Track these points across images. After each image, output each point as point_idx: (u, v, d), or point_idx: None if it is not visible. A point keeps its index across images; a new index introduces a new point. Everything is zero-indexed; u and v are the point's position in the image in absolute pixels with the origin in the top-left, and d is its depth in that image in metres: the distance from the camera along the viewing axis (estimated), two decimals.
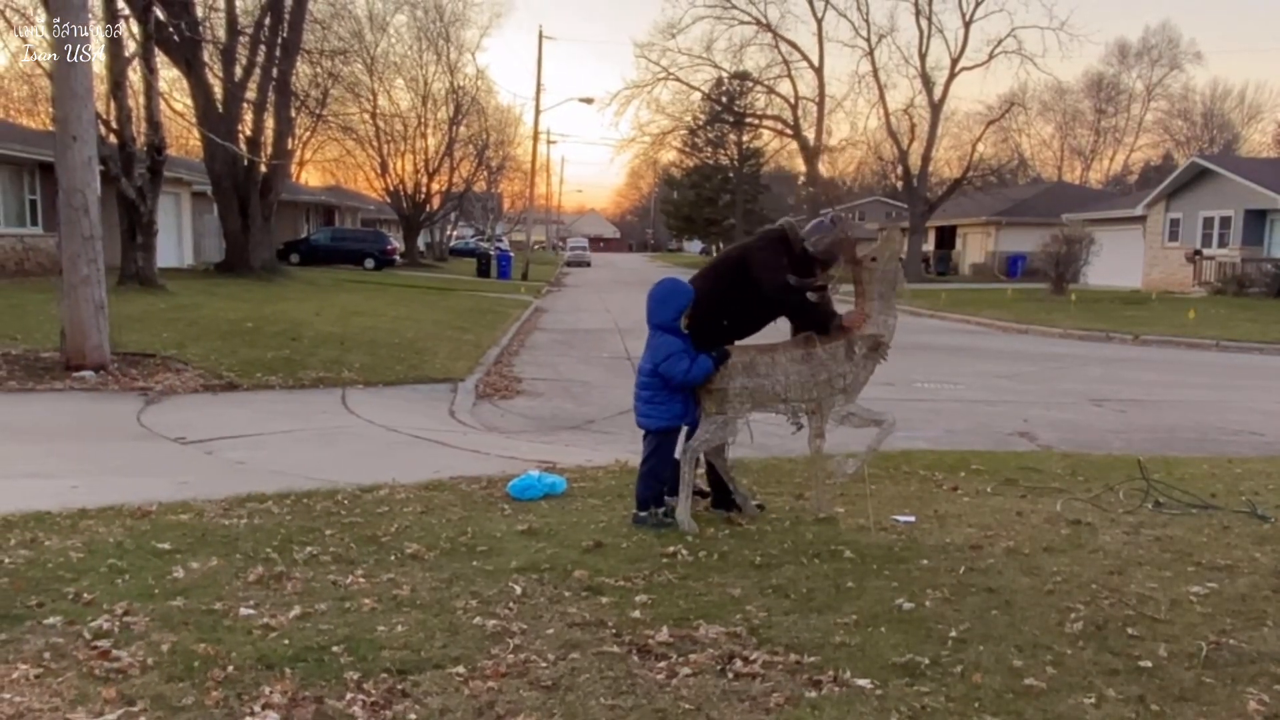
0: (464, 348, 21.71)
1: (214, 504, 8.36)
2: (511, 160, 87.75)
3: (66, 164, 15.05)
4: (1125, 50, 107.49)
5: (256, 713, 4.54)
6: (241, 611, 5.77)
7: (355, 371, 16.86)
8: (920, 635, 5.62)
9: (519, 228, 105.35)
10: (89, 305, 15.19)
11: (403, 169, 69.20)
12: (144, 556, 6.80)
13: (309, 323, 22.97)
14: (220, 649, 5.20)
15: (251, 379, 15.71)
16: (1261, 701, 4.89)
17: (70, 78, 15.03)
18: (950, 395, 17.37)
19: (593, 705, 4.73)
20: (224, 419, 12.99)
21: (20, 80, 48.81)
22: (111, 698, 4.63)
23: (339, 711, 4.60)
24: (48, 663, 5.02)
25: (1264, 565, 7.12)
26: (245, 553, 6.96)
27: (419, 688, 4.86)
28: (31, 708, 4.55)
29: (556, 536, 7.56)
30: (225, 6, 37.38)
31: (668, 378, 7.89)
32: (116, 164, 27.72)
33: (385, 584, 6.36)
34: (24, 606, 5.76)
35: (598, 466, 10.38)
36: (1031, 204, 70.63)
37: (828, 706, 4.74)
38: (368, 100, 63.70)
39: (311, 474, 9.87)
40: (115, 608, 5.76)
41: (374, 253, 58.55)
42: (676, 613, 5.93)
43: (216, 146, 34.88)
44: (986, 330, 31.81)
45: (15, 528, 7.43)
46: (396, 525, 7.80)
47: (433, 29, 69.06)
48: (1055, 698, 4.88)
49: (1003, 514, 8.47)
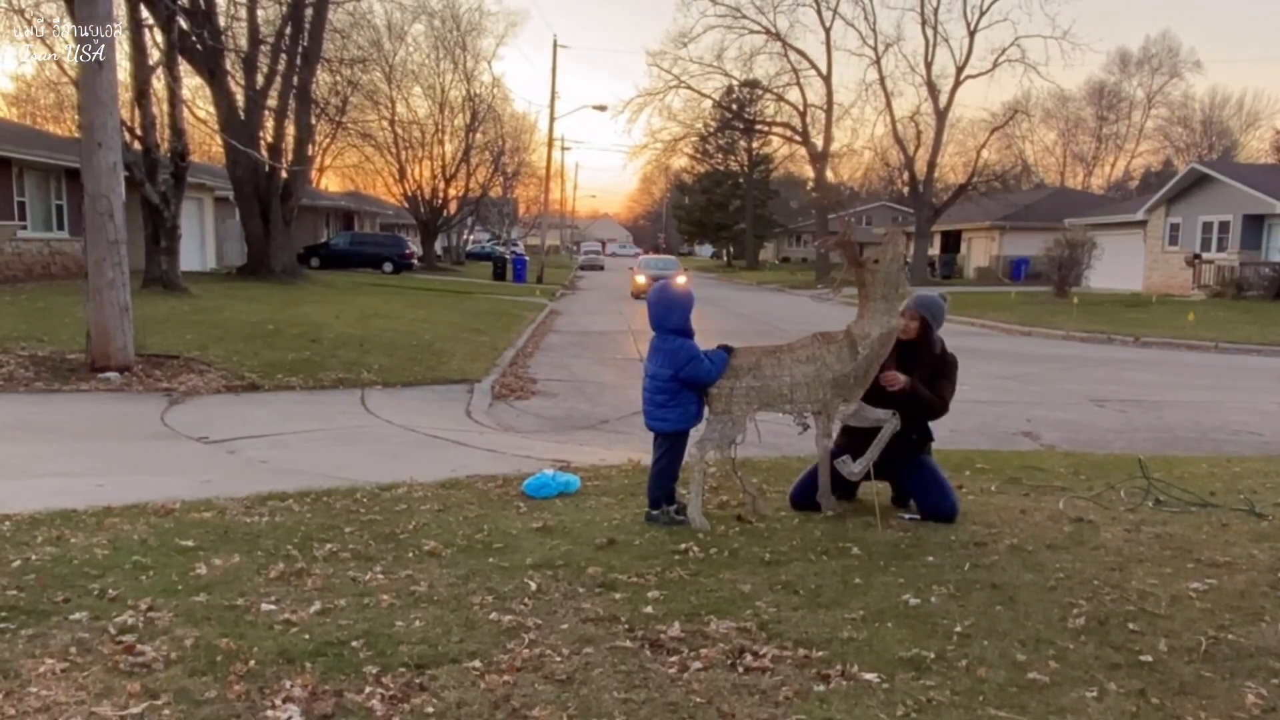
0: (480, 349, 21.72)
1: (236, 502, 8.37)
2: (526, 166, 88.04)
3: (92, 170, 15.08)
4: (1126, 59, 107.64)
5: (278, 706, 4.55)
6: (263, 607, 5.78)
7: (374, 373, 16.88)
8: (926, 630, 5.62)
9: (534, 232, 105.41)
10: (114, 308, 15.22)
11: (420, 175, 69.36)
12: (168, 553, 6.81)
13: (329, 325, 22.98)
14: (242, 644, 5.21)
15: (273, 380, 15.74)
16: (1260, 695, 4.88)
17: (96, 85, 15.07)
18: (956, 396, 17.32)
19: (606, 699, 4.73)
20: (246, 419, 13.01)
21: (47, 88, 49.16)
22: (136, 691, 4.64)
23: (358, 705, 4.60)
24: (74, 657, 5.03)
25: (1262, 562, 7.10)
26: (266, 550, 6.97)
27: (436, 681, 4.86)
28: (58, 701, 4.55)
29: (571, 534, 7.56)
30: (247, 16, 37.46)
31: (694, 380, 7.90)
32: (141, 170, 27.80)
33: (403, 580, 6.36)
34: (51, 602, 5.77)
35: (611, 465, 10.38)
36: (1035, 209, 70.57)
37: (836, 700, 4.73)
38: (386, 108, 63.78)
39: (331, 473, 9.88)
40: (140, 603, 5.77)
41: (392, 257, 58.55)
42: (688, 608, 5.92)
43: (239, 153, 34.93)
44: (991, 332, 31.79)
45: (42, 525, 7.45)
46: (414, 523, 7.81)
47: (450, 38, 69.24)
48: (1058, 691, 4.88)
49: (1006, 512, 8.46)
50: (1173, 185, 52.63)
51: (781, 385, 7.91)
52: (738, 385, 7.89)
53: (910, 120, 68.75)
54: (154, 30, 29.21)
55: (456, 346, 21.56)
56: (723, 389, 7.92)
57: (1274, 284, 42.07)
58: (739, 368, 7.91)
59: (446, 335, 23.65)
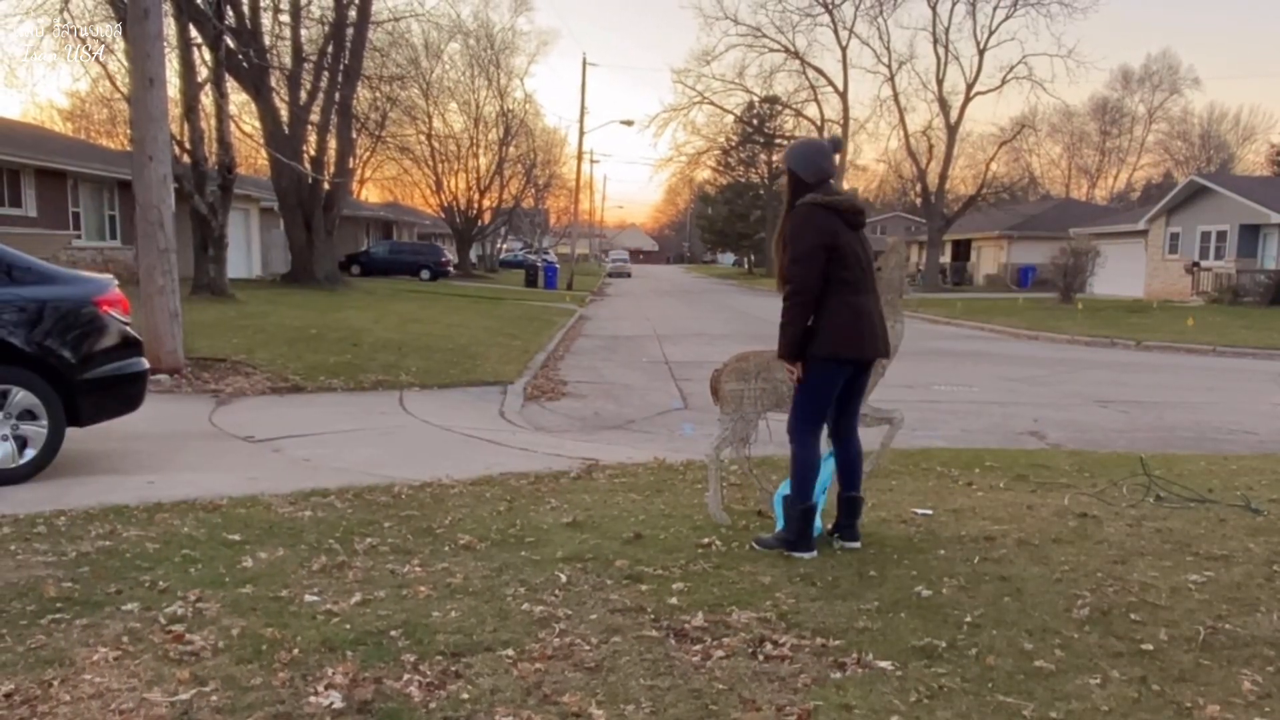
0: (513, 353, 21.72)
1: (280, 498, 8.39)
2: (557, 178, 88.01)
3: (143, 182, 15.15)
4: (1128, 76, 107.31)
5: (320, 692, 4.55)
6: (306, 598, 5.79)
7: (412, 375, 16.88)
8: (938, 620, 5.61)
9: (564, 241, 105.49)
10: (164, 313, 15.27)
11: (456, 186, 69.37)
12: (215, 547, 6.83)
13: (369, 330, 23.01)
14: (286, 633, 5.22)
15: (315, 382, 15.77)
16: (1255, 682, 4.86)
17: (147, 102, 15.14)
18: (966, 397, 17.29)
19: (633, 685, 4.73)
20: (290, 419, 13.04)
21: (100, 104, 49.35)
22: (185, 678, 4.65)
23: (397, 691, 4.60)
24: (126, 646, 5.05)
25: (1257, 555, 7.07)
26: (309, 543, 6.99)
27: (471, 669, 4.87)
28: (111, 687, 4.57)
29: (599, 528, 7.56)
30: (291, 35, 37.57)
31: None
32: (190, 182, 27.92)
33: (440, 572, 6.38)
34: (104, 594, 5.79)
35: (637, 464, 10.37)
36: (1041, 219, 70.32)
37: (852, 686, 4.73)
38: (423, 122, 63.80)
39: (371, 470, 9.90)
40: (188, 595, 5.79)
41: (429, 264, 58.64)
42: (711, 599, 5.92)
43: (283, 166, 35.07)
44: (999, 336, 31.65)
45: (95, 520, 7.48)
46: (450, 518, 7.82)
47: (484, 56, 69.26)
48: (1063, 678, 4.86)
49: (1014, 507, 8.43)
50: (1172, 196, 52.49)
51: (791, 387, 7.91)
52: (749, 387, 7.89)
53: (923, 135, 68.55)
54: (202, 49, 29.39)
55: (490, 350, 21.56)
56: (735, 391, 7.92)
57: (1269, 290, 42.04)
58: (750, 370, 7.91)
59: (481, 339, 23.66)
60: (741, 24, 74.32)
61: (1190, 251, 49.89)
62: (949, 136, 67.55)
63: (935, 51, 68.49)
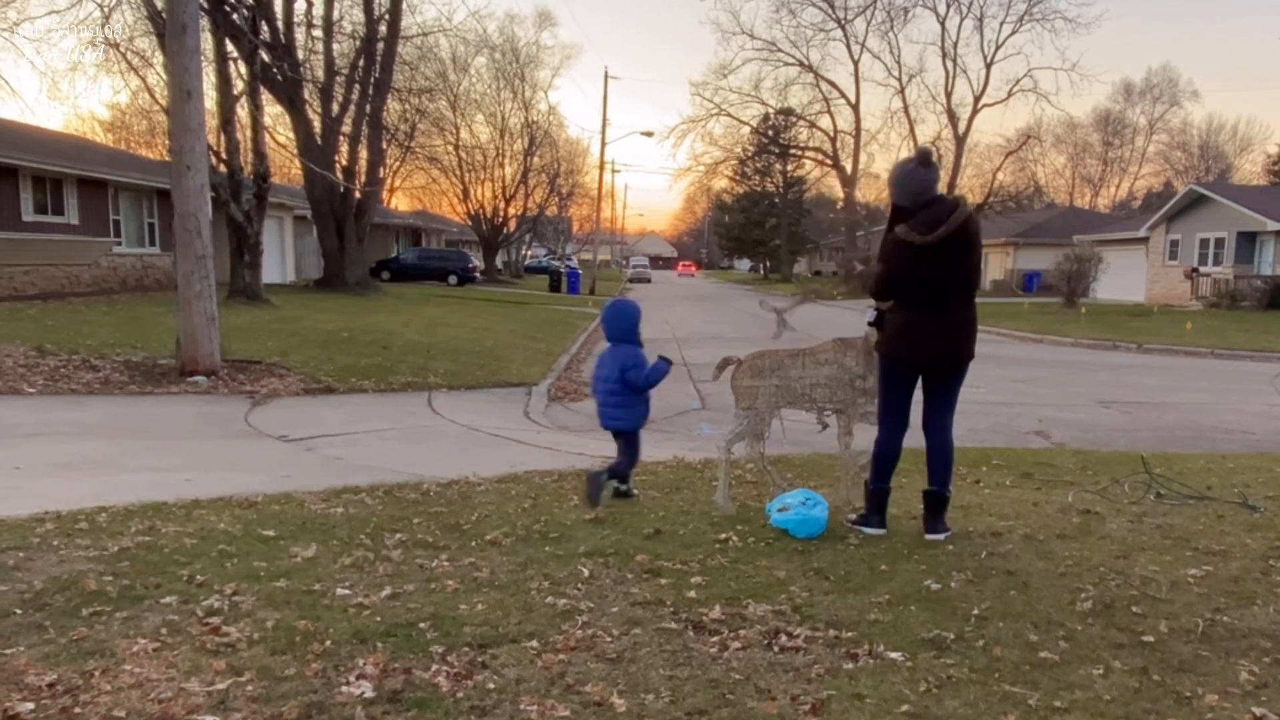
0: (537, 355, 21.75)
1: (313, 495, 8.40)
2: (580, 187, 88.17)
3: (181, 191, 15.19)
4: (1130, 89, 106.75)
5: (352, 682, 4.56)
6: (338, 592, 5.80)
7: (440, 376, 16.91)
8: (946, 613, 5.59)
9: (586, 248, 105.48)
10: (201, 317, 15.33)
11: (482, 195, 69.77)
12: (251, 542, 6.84)
13: (398, 333, 23.07)
14: (319, 625, 5.23)
15: (347, 383, 15.80)
16: (1252, 672, 4.85)
17: (185, 114, 15.17)
18: (973, 398, 17.22)
19: (653, 675, 4.73)
20: (322, 419, 13.07)
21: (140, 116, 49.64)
22: (222, 669, 4.66)
23: (425, 681, 4.60)
24: (164, 638, 5.06)
25: (1254, 550, 7.05)
26: (341, 539, 7.00)
27: (497, 660, 4.87)
28: (150, 678, 4.58)
29: (620, 524, 7.55)
30: (324, 50, 37.72)
31: (634, 383, 8.36)
32: (226, 191, 28.08)
33: (467, 567, 6.38)
34: (143, 587, 5.80)
35: (657, 462, 10.35)
36: (1046, 227, 70.07)
37: (863, 677, 4.72)
38: (451, 133, 64.14)
39: (401, 468, 9.91)
40: (225, 588, 5.80)
41: (456, 270, 58.74)
42: (728, 593, 5.91)
43: (316, 175, 35.21)
44: (1005, 340, 31.56)
45: (135, 516, 7.50)
46: (477, 514, 7.82)
47: (509, 70, 69.64)
48: (1067, 669, 4.85)
49: (1020, 504, 8.41)
50: (1172, 205, 52.24)
51: (803, 385, 7.91)
52: (763, 384, 7.90)
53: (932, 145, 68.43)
54: (238, 62, 29.50)
55: (515, 353, 21.60)
56: (749, 387, 7.93)
57: (1265, 295, 41.94)
58: (765, 368, 7.92)
59: (506, 342, 23.69)
60: (757, 39, 74.79)
61: (1189, 258, 49.70)
62: (957, 147, 67.63)
63: (944, 65, 68.84)
